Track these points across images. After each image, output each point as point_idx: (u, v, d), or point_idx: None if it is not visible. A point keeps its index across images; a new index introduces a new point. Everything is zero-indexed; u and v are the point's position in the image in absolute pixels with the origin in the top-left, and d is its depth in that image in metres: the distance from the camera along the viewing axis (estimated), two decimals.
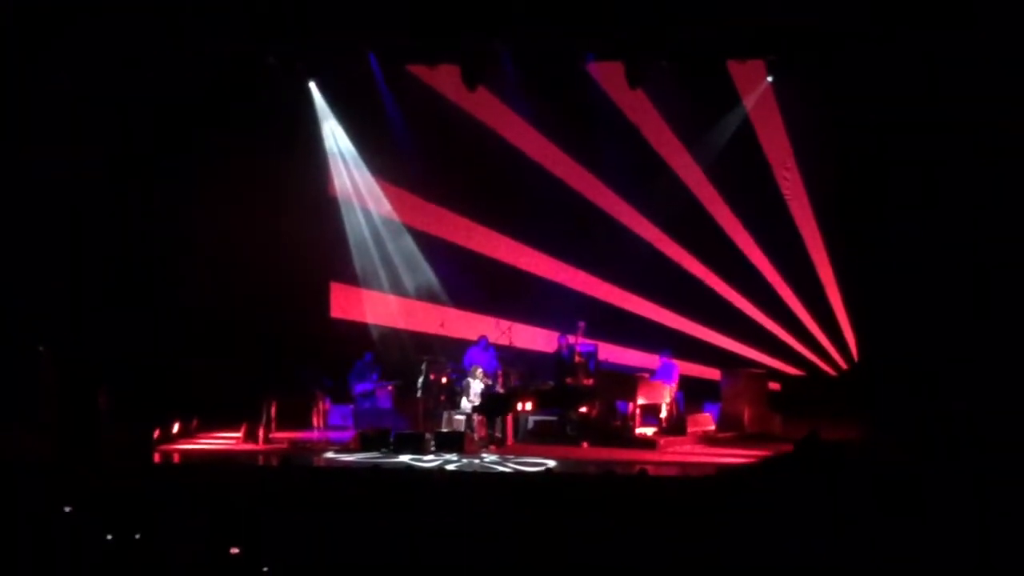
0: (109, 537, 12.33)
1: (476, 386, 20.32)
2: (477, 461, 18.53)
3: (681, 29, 20.95)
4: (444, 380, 20.92)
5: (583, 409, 20.62)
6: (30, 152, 21.09)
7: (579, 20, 20.79)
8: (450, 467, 18.06)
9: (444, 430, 19.99)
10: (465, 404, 20.32)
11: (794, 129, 22.78)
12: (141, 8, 20.74)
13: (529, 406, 20.43)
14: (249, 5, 20.99)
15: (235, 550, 12.00)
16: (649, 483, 15.70)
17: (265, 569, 11.76)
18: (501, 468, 17.99)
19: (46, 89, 21.15)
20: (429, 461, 18.48)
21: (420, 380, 20.71)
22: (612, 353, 22.30)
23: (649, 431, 20.19)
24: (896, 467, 14.31)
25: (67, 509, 13.33)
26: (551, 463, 18.23)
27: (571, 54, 22.36)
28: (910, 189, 20.34)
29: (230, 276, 22.86)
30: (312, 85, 23.86)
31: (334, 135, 24.30)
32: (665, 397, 20.52)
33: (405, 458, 18.63)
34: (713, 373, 21.79)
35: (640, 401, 20.21)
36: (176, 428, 20.46)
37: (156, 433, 19.65)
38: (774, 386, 21.75)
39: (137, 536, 12.40)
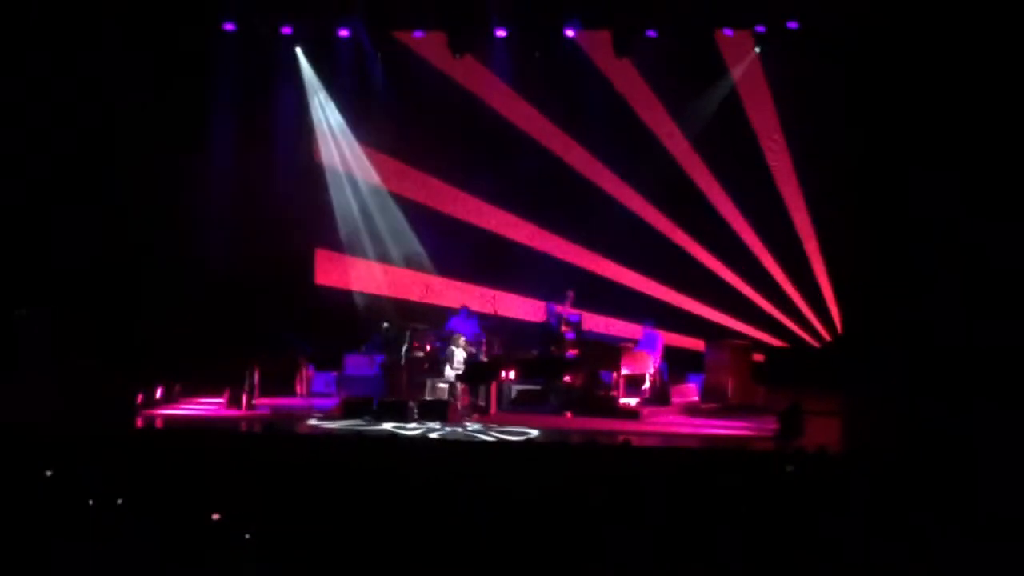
0: (90, 502, 12.31)
1: (459, 355, 20.29)
2: (460, 430, 18.53)
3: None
4: (428, 348, 20.91)
5: (567, 378, 20.61)
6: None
7: None
8: (433, 435, 18.05)
9: (427, 398, 20.00)
10: (448, 372, 20.30)
11: (781, 100, 22.77)
12: None
13: (512, 375, 20.47)
14: None
15: (216, 516, 11.99)
16: (632, 453, 15.70)
17: (247, 536, 11.74)
18: (484, 437, 17.98)
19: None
20: (412, 429, 18.47)
21: (403, 348, 20.72)
22: (595, 323, 22.35)
23: (633, 401, 20.19)
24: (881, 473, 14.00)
25: (48, 473, 13.29)
26: (534, 432, 18.24)
27: (558, 21, 22.32)
28: (898, 159, 20.23)
29: (214, 241, 22.78)
30: (298, 51, 23.81)
31: (320, 102, 24.27)
32: (649, 367, 20.53)
33: (388, 426, 18.63)
34: (697, 344, 21.86)
35: (624, 371, 20.21)
36: (159, 393, 20.43)
37: (139, 398, 19.62)
38: (758, 357, 21.79)
39: (119, 501, 12.38)
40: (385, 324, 21.74)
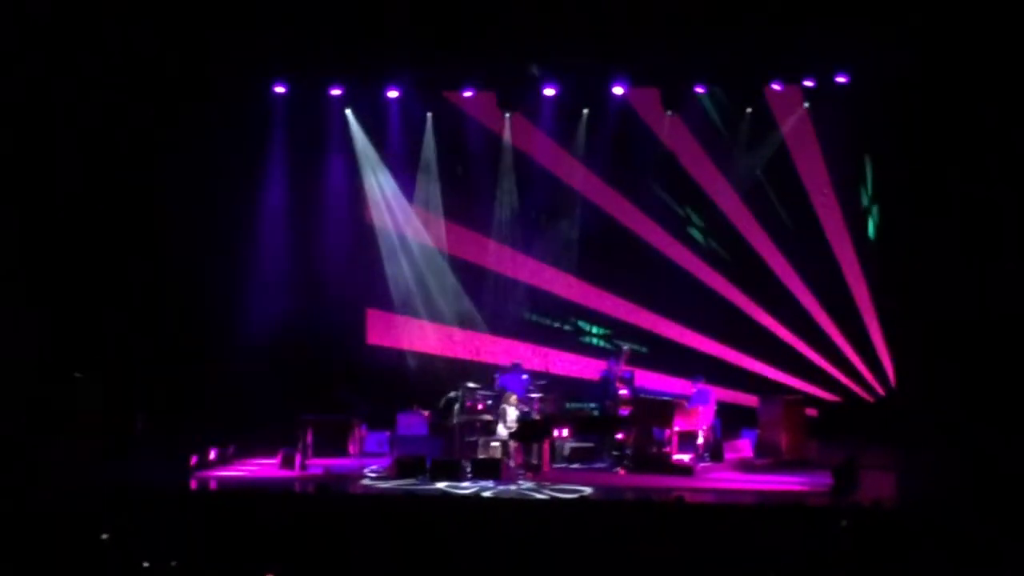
0: (146, 564, 12.36)
1: (512, 412, 20.28)
2: (513, 487, 18.48)
3: (718, 55, 21.03)
4: (480, 406, 20.88)
5: (619, 436, 20.54)
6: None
7: (615, 45, 20.88)
8: (486, 494, 18.02)
9: (480, 456, 19.96)
10: (501, 430, 20.28)
11: (831, 154, 22.74)
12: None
13: (565, 432, 20.43)
14: (283, 35, 21.08)
15: None
16: (686, 510, 15.64)
17: None
18: (537, 495, 17.92)
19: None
20: (465, 488, 18.45)
21: (456, 407, 20.70)
22: (645, 379, 22.26)
23: (686, 457, 20.08)
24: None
25: (104, 536, 13.35)
26: (587, 490, 18.18)
27: (606, 79, 22.39)
28: (948, 214, 20.13)
29: (268, 302, 22.88)
30: (349, 113, 23.96)
31: (372, 164, 24.37)
32: (702, 423, 20.44)
33: (441, 485, 18.60)
34: (750, 399, 21.73)
35: (677, 428, 20.11)
36: (213, 455, 20.49)
37: (193, 460, 19.70)
38: (811, 412, 21.67)
39: (173, 563, 12.42)
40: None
